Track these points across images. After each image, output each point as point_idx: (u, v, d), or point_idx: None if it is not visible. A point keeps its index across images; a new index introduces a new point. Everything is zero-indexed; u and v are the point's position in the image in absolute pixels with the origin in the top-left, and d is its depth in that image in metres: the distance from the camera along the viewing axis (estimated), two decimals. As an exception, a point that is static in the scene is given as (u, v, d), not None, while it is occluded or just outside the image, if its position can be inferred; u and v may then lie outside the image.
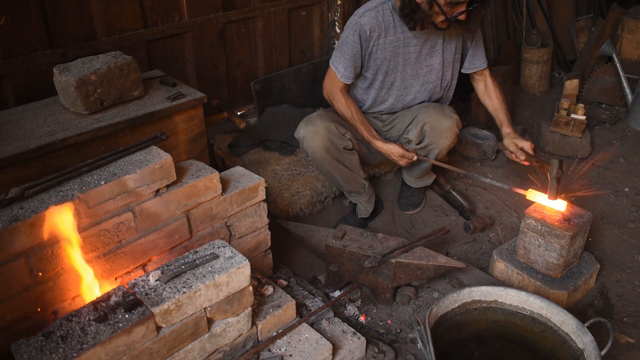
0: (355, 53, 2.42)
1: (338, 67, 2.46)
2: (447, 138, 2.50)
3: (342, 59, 2.45)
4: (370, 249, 2.15)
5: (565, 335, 1.86)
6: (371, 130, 2.50)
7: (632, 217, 2.82)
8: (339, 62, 2.46)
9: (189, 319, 1.50)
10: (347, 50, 2.42)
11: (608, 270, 2.46)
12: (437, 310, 1.86)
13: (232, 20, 3.05)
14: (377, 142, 2.48)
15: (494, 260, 2.34)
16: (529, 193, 2.21)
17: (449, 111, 2.52)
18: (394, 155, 2.45)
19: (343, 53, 2.44)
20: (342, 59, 2.44)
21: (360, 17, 2.38)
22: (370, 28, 2.37)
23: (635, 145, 3.49)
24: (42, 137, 1.96)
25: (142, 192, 1.65)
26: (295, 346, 1.76)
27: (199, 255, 1.58)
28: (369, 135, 2.49)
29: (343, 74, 2.46)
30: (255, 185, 1.96)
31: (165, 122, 2.23)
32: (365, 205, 2.68)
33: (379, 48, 2.44)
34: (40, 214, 1.45)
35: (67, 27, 2.47)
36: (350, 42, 2.40)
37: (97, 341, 1.32)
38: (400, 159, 2.45)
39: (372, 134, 2.49)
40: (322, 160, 2.44)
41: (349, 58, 2.43)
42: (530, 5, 4.24)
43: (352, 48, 2.41)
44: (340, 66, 2.46)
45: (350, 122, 2.50)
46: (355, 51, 2.42)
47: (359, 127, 2.49)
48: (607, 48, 3.97)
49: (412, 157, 2.44)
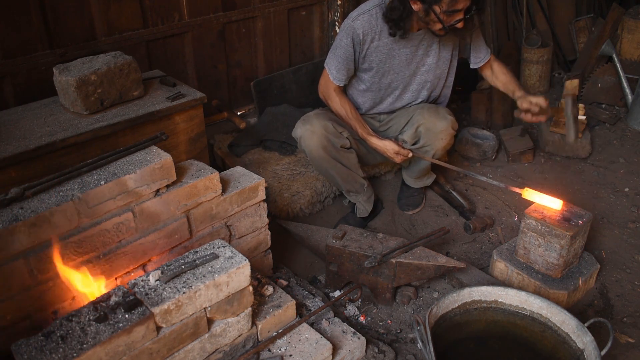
0: (348, 56, 2.43)
1: (331, 69, 2.48)
2: (442, 139, 2.51)
3: (335, 62, 2.46)
4: (370, 249, 2.15)
5: (565, 335, 1.86)
6: (366, 127, 2.50)
7: (632, 217, 2.82)
8: (332, 64, 2.48)
9: (189, 319, 1.50)
10: (340, 53, 2.43)
11: (608, 270, 2.46)
12: (437, 310, 1.86)
13: (232, 20, 3.05)
14: (372, 138, 2.47)
15: (494, 260, 2.34)
16: (525, 192, 2.21)
17: (444, 112, 2.52)
18: (389, 152, 2.45)
19: (336, 55, 2.45)
20: (335, 61, 2.46)
21: (353, 21, 2.38)
22: (363, 32, 2.37)
23: (635, 145, 3.49)
24: (42, 137, 1.96)
25: (142, 192, 1.65)
26: (295, 346, 1.76)
27: (199, 255, 1.58)
28: (364, 132, 2.49)
29: (335, 76, 2.47)
30: (255, 185, 1.96)
31: (165, 122, 2.23)
32: (364, 205, 2.68)
33: (373, 51, 2.44)
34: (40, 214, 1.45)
35: (67, 27, 2.47)
36: (343, 45, 2.41)
37: (97, 341, 1.32)
38: (396, 155, 2.45)
39: (367, 131, 2.49)
40: (320, 159, 2.44)
41: (342, 61, 2.44)
42: (530, 5, 4.24)
43: (344, 51, 2.42)
44: (333, 68, 2.47)
45: (345, 120, 2.51)
46: (347, 54, 2.42)
47: (354, 124, 2.49)
48: (607, 48, 3.97)
49: (407, 153, 2.44)
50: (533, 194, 2.20)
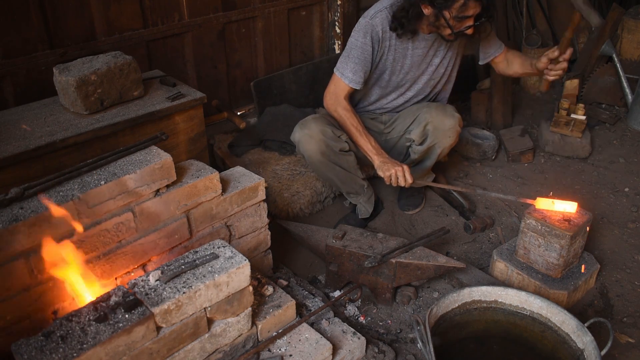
0: (366, 56, 2.37)
1: (345, 72, 2.39)
2: (450, 137, 2.50)
3: (350, 64, 2.38)
4: (370, 249, 2.15)
5: (565, 335, 1.86)
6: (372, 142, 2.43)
7: (632, 217, 2.82)
8: (346, 67, 2.40)
9: (189, 319, 1.50)
10: (357, 54, 2.37)
11: (608, 270, 2.46)
12: (437, 310, 1.86)
13: (232, 20, 3.05)
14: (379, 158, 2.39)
15: (494, 260, 2.34)
16: (539, 202, 2.19)
17: (451, 110, 2.51)
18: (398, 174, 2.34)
19: (351, 57, 2.38)
20: (351, 63, 2.38)
21: (372, 19, 2.34)
22: (382, 29, 2.34)
23: (635, 145, 3.49)
24: (42, 137, 1.96)
25: (142, 192, 1.65)
26: (295, 346, 1.76)
27: (199, 255, 1.58)
28: (372, 149, 2.40)
29: (352, 79, 2.39)
30: (255, 185, 1.96)
31: (165, 122, 2.23)
32: (364, 206, 2.68)
33: (390, 49, 2.41)
34: (40, 214, 1.45)
35: (67, 27, 2.47)
36: (361, 44, 2.35)
37: (97, 341, 1.32)
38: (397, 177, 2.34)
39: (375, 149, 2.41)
40: (319, 164, 2.43)
41: (359, 62, 2.37)
42: (530, 5, 4.24)
43: (362, 51, 2.36)
44: (348, 71, 2.39)
45: (351, 136, 2.44)
46: (366, 54, 2.36)
47: (361, 141, 2.42)
48: (607, 48, 3.97)
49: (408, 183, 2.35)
50: (546, 202, 2.18)
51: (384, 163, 2.38)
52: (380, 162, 2.39)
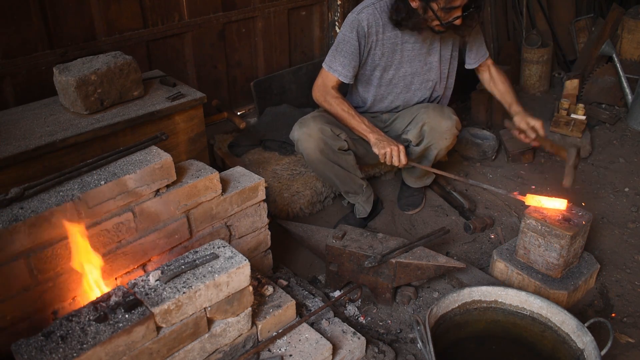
0: (354, 50, 2.40)
1: (334, 66, 2.43)
2: (446, 139, 2.50)
3: (339, 57, 2.42)
4: (370, 249, 2.15)
5: (565, 335, 1.86)
6: (366, 123, 2.40)
7: (632, 217, 2.82)
8: (334, 61, 2.43)
9: (189, 319, 1.50)
10: (345, 48, 2.40)
11: (608, 270, 2.46)
12: (437, 310, 1.86)
13: (232, 20, 3.05)
14: (373, 135, 2.36)
15: (494, 260, 2.34)
16: (528, 198, 2.20)
17: (449, 112, 2.52)
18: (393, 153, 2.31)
19: (340, 52, 2.41)
20: (340, 57, 2.42)
21: (358, 14, 2.38)
22: (368, 24, 2.37)
23: (635, 145, 3.49)
24: (42, 137, 1.96)
25: (142, 192, 1.65)
26: (295, 346, 1.76)
27: (199, 255, 1.58)
28: (366, 128, 2.38)
29: (340, 72, 2.42)
30: (255, 185, 1.96)
31: (165, 122, 2.23)
32: (363, 206, 2.67)
33: (377, 44, 2.43)
34: (40, 214, 1.45)
35: (67, 27, 2.47)
36: (348, 39, 2.39)
37: (97, 341, 1.32)
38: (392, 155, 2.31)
39: (368, 128, 2.38)
40: (317, 162, 2.43)
41: (348, 56, 2.41)
42: (530, 5, 4.24)
43: (350, 45, 2.39)
44: (336, 64, 2.42)
45: (343, 120, 2.43)
46: (353, 48, 2.40)
47: (353, 122, 2.40)
48: (607, 48, 3.97)
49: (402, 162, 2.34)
50: (536, 199, 2.19)
51: (379, 140, 2.35)
52: (375, 139, 2.36)
